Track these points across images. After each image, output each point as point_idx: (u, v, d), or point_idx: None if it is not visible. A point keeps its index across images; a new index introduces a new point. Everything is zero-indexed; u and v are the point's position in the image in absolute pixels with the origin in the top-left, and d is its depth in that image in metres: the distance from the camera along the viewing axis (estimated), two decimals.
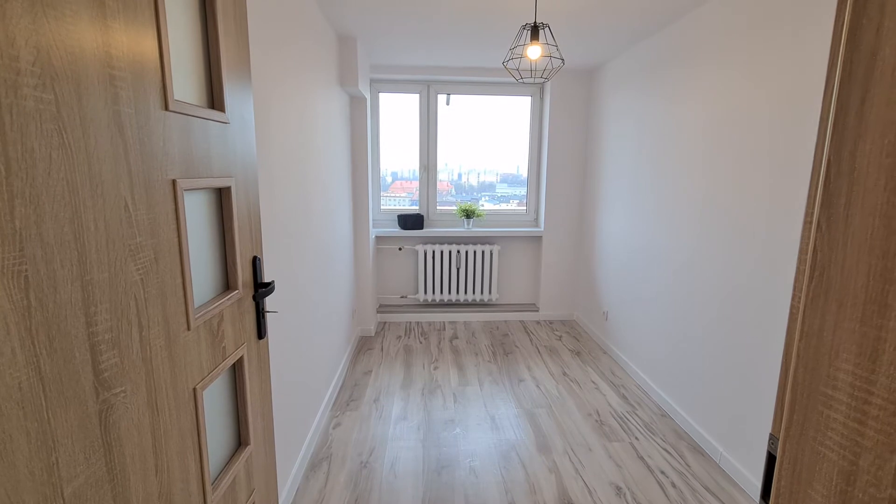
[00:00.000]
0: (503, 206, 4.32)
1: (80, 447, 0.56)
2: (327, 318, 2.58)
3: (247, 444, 1.06)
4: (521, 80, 2.20)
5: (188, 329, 0.81)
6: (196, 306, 0.85)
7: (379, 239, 4.05)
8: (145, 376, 0.69)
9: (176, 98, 0.78)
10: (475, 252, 4.06)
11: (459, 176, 4.35)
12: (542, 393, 2.80)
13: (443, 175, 4.25)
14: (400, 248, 4.12)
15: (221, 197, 0.98)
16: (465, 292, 4.14)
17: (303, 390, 2.06)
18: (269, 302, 1.58)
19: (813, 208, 0.33)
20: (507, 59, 2.67)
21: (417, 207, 4.13)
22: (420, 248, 4.02)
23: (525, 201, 4.22)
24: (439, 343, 3.60)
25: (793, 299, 0.39)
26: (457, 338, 3.70)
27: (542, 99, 3.97)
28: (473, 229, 4.01)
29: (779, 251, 1.77)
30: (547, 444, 2.26)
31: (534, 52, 1.95)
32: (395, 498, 1.87)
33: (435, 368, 3.14)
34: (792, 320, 0.39)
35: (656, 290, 2.72)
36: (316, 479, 1.99)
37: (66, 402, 0.54)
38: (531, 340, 3.67)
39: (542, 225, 4.04)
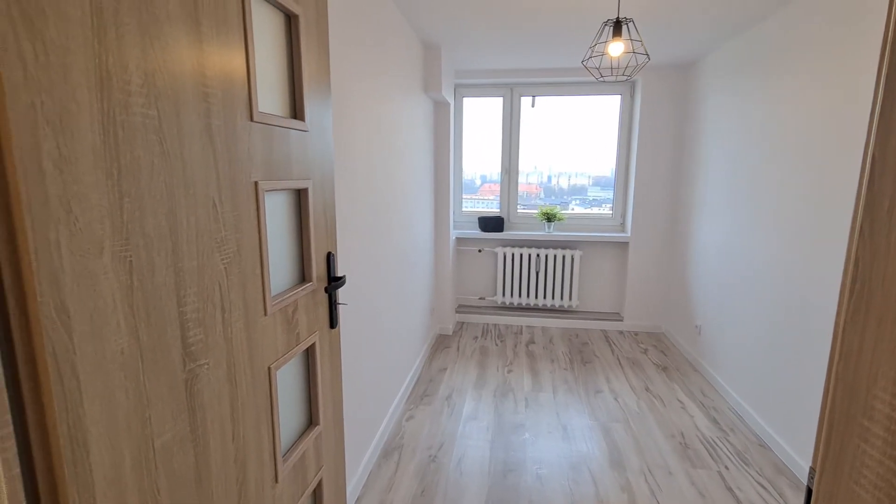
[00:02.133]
0: (591, 210, 4.15)
1: (168, 408, 0.66)
2: (405, 314, 2.69)
3: (316, 423, 1.16)
4: (600, 79, 2.10)
5: (265, 314, 0.91)
6: (273, 294, 0.96)
7: (459, 240, 4.12)
8: (226, 353, 0.79)
9: (260, 110, 0.88)
10: (555, 256, 3.95)
11: (549, 179, 4.27)
12: (621, 407, 2.65)
13: (532, 178, 4.21)
14: (479, 250, 4.15)
15: (300, 197, 1.08)
16: (544, 297, 4.05)
17: (378, 381, 2.17)
18: (344, 295, 1.70)
19: (858, 212, 0.29)
20: (586, 57, 2.58)
21: (498, 210, 4.13)
22: (499, 250, 4.02)
23: (612, 205, 4.02)
24: (515, 346, 3.56)
25: (836, 315, 0.33)
26: (533, 343, 3.64)
27: (632, 97, 3.76)
28: (554, 233, 3.91)
29: None
30: (621, 461, 2.13)
31: (616, 48, 1.86)
32: (459, 494, 1.90)
33: (509, 372, 3.12)
34: (833, 338, 0.34)
35: (759, 305, 2.44)
36: (387, 466, 2.09)
37: (158, 369, 0.64)
38: (612, 351, 3.48)
39: (629, 230, 3.81)
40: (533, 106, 3.95)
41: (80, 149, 0.52)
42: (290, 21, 1.01)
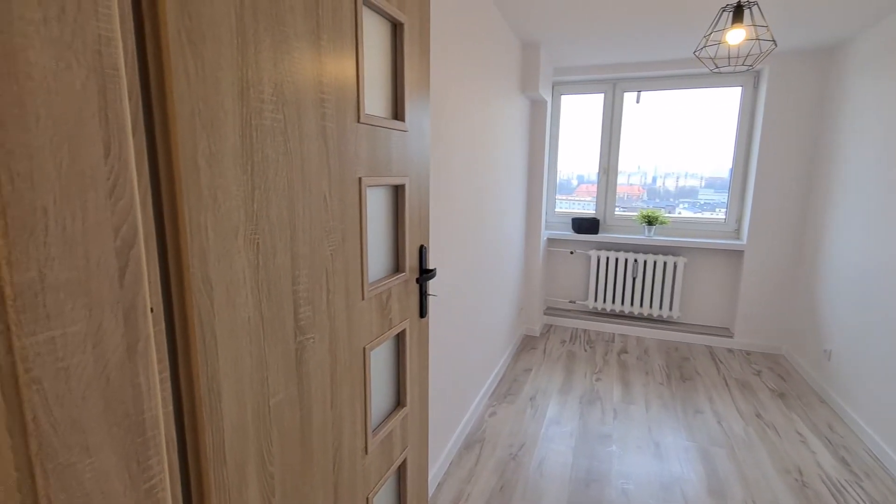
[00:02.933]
0: (701, 215, 3.81)
1: (281, 373, 0.76)
2: (492, 312, 2.72)
3: (404, 405, 1.24)
4: (716, 70, 1.92)
5: (363, 299, 1.00)
6: (370, 282, 1.04)
7: (551, 241, 4.04)
8: (329, 330, 0.88)
9: (366, 112, 0.97)
10: (655, 262, 3.69)
11: (654, 180, 4.01)
12: (724, 431, 2.41)
13: (634, 178, 4.00)
14: (571, 252, 4.03)
15: (397, 193, 1.16)
16: (641, 305, 3.81)
17: (463, 374, 2.23)
18: (433, 289, 1.77)
19: None
20: (699, 47, 2.37)
21: (594, 211, 3.97)
22: (593, 253, 3.86)
23: (726, 209, 3.65)
24: (605, 354, 3.41)
25: None
26: (626, 352, 3.45)
27: (755, 88, 3.37)
28: (655, 237, 3.65)
29: None
30: (722, 490, 1.95)
31: (735, 36, 1.70)
32: (538, 496, 1.88)
33: (597, 380, 2.99)
34: None
35: None
36: (469, 457, 2.14)
37: (275, 337, 0.74)
38: (718, 370, 3.17)
39: (745, 237, 3.43)
40: (638, 101, 3.73)
41: (225, 148, 0.63)
42: (396, 29, 1.08)
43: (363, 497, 1.06)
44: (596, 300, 3.94)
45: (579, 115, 3.93)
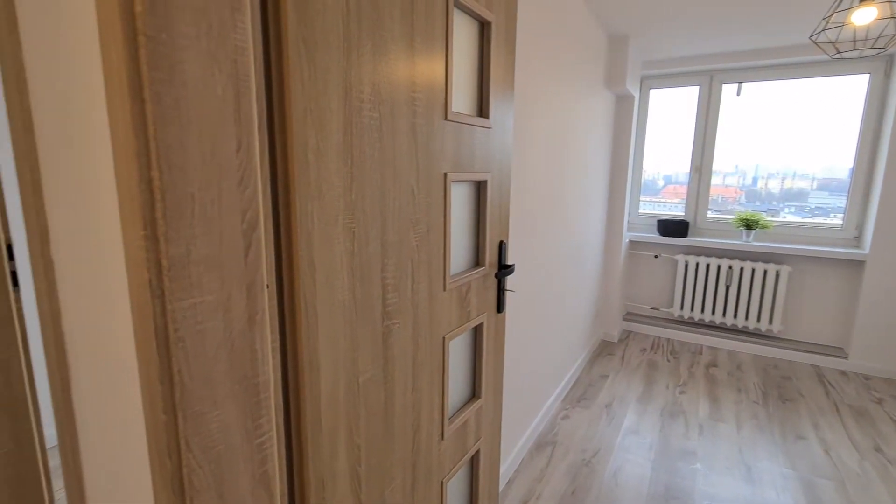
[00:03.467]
0: (811, 220, 3.41)
1: (369, 353, 0.82)
2: (567, 313, 2.66)
3: (478, 397, 1.26)
4: (837, 56, 1.70)
5: (444, 290, 1.03)
6: (451, 274, 1.08)
7: (633, 244, 3.84)
8: (412, 317, 0.93)
9: (453, 110, 1.00)
10: (754, 270, 3.37)
11: (754, 181, 3.66)
12: (832, 462, 2.14)
13: (731, 179, 3.69)
14: (656, 256, 3.81)
15: (479, 188, 1.18)
16: (735, 316, 3.50)
17: (536, 373, 2.21)
18: (510, 283, 1.78)
19: None
20: (817, 31, 2.12)
21: (683, 213, 3.72)
22: (680, 258, 3.62)
23: (844, 214, 3.23)
24: (691, 367, 3.18)
25: None
26: (715, 366, 3.19)
27: (887, 76, 2.94)
28: (754, 243, 3.33)
29: None
30: None
31: (864, 15, 1.51)
32: None
33: (681, 392, 2.80)
34: None
35: None
36: (539, 458, 2.12)
37: (365, 320, 0.80)
38: (827, 393, 2.82)
39: (868, 246, 3.01)
40: (738, 94, 3.42)
41: (330, 144, 0.69)
42: (483, 28, 1.11)
43: (438, 481, 1.10)
44: (682, 308, 3.68)
45: (669, 110, 3.70)
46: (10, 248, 1.21)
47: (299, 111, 0.63)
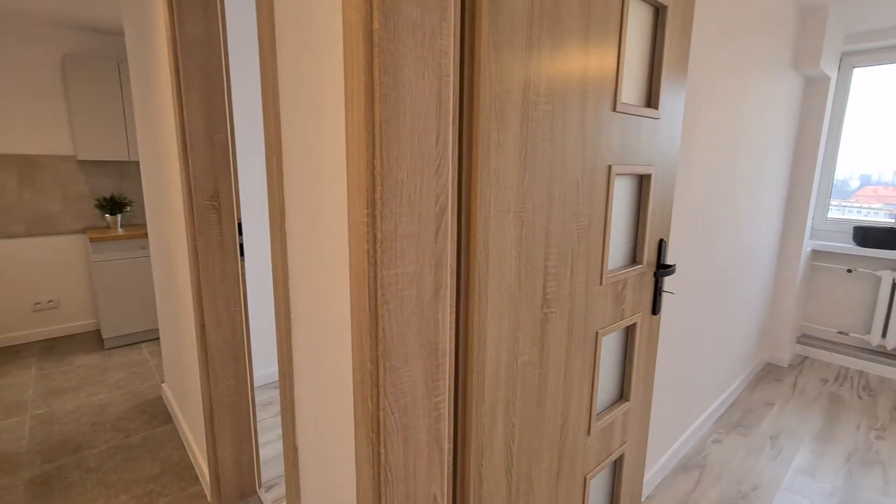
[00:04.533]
0: None
1: (528, 337, 0.86)
2: (725, 326, 2.37)
3: (626, 399, 1.22)
4: None
5: (600, 284, 1.02)
6: (608, 269, 1.06)
7: (816, 254, 3.24)
8: (568, 308, 0.94)
9: (622, 101, 0.98)
10: None
11: None
12: None
13: None
14: (850, 270, 3.15)
15: (641, 183, 1.13)
16: None
17: (685, 386, 2.02)
18: (668, 284, 1.66)
19: None
20: None
21: (893, 220, 3.01)
22: (885, 273, 2.94)
23: None
24: (893, 409, 2.57)
25: None
26: None
27: None
28: None
29: None
30: None
31: None
32: None
33: (878, 437, 2.30)
34: None
35: None
36: (684, 480, 1.94)
37: (526, 305, 0.84)
38: None
39: None
40: None
41: (508, 137, 0.74)
42: (658, 12, 1.06)
43: (581, 475, 1.09)
44: (885, 336, 2.99)
45: (876, 94, 3.01)
46: (240, 225, 1.53)
47: (486, 106, 0.69)
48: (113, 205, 3.27)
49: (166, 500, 1.74)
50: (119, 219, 3.29)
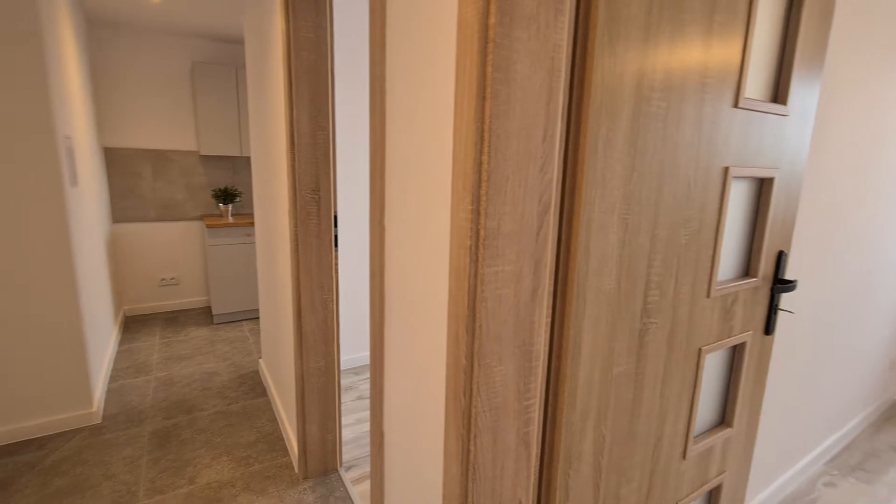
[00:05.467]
0: None
1: (625, 347, 0.81)
2: (848, 354, 2.07)
3: (728, 425, 1.11)
4: None
5: (707, 296, 0.94)
6: (718, 280, 0.97)
7: None
8: (670, 320, 0.88)
9: (745, 96, 0.89)
10: None
11: None
12: None
13: None
14: None
15: (762, 187, 1.02)
16: None
17: (793, 416, 1.80)
18: (785, 302, 1.48)
19: None
20: None
21: None
22: None
23: None
24: None
25: None
26: None
27: None
28: None
29: None
30: None
31: None
32: None
33: None
34: None
35: None
36: None
37: (625, 313, 0.79)
38: None
39: None
40: None
41: (617, 134, 0.70)
42: None
43: (673, 501, 1.01)
44: None
45: None
46: (335, 217, 1.62)
47: (596, 101, 0.66)
48: (226, 195, 3.65)
49: (260, 467, 1.90)
50: (230, 208, 3.66)
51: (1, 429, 2.01)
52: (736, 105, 0.87)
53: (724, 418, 1.12)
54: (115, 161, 3.51)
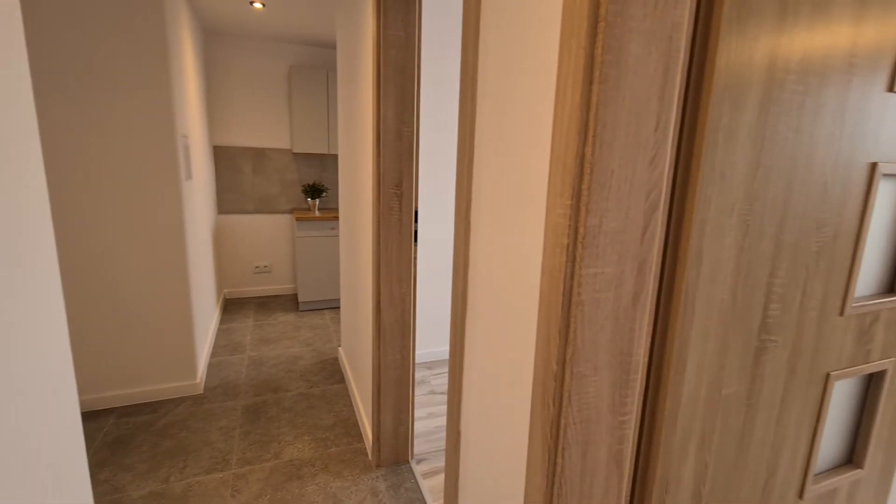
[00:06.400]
0: None
1: (737, 366, 0.72)
2: None
3: (858, 466, 0.95)
4: None
5: (840, 314, 0.80)
6: (854, 296, 0.83)
7: None
8: (793, 338, 0.76)
9: None
10: None
11: None
12: None
13: None
14: None
15: None
16: None
17: None
18: None
19: None
20: None
21: None
22: None
23: None
24: None
25: None
26: None
27: None
28: None
29: None
30: None
31: None
32: None
33: None
34: None
35: None
36: None
37: (739, 327, 0.70)
38: None
39: None
40: None
41: (741, 123, 0.61)
42: None
43: None
44: None
45: None
46: (416, 213, 1.63)
47: (718, 87, 0.58)
48: (314, 190, 3.87)
49: (337, 450, 1.99)
50: (317, 202, 3.88)
51: (124, 391, 2.30)
52: (891, 89, 0.73)
53: (852, 458, 0.96)
54: (222, 158, 3.87)
